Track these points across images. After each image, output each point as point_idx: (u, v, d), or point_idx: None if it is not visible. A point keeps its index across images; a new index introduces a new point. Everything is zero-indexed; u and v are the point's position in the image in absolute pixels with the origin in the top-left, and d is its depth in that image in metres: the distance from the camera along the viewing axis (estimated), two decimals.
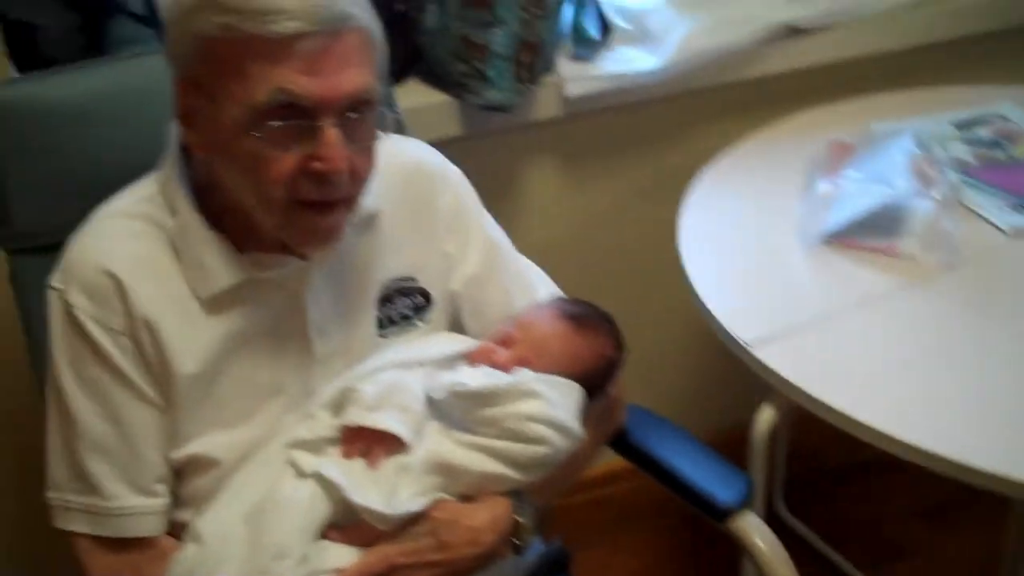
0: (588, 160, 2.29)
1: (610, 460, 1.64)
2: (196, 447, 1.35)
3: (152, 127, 1.54)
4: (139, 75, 1.61)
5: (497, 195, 1.58)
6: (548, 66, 2.13)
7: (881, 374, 1.63)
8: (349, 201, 1.30)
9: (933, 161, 1.94)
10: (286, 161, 1.23)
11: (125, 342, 1.31)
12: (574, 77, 2.13)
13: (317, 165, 1.23)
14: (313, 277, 1.38)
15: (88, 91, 1.57)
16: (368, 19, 1.27)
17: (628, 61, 2.16)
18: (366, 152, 1.29)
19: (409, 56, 2.10)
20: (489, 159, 1.59)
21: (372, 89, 1.26)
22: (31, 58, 1.88)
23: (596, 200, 2.33)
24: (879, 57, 2.34)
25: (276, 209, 1.26)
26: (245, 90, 1.21)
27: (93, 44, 1.92)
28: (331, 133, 1.22)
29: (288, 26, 1.18)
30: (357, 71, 1.23)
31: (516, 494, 1.38)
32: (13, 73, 1.77)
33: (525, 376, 1.38)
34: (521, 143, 2.22)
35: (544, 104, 2.14)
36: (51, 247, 1.53)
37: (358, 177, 1.28)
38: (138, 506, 1.34)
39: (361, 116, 1.26)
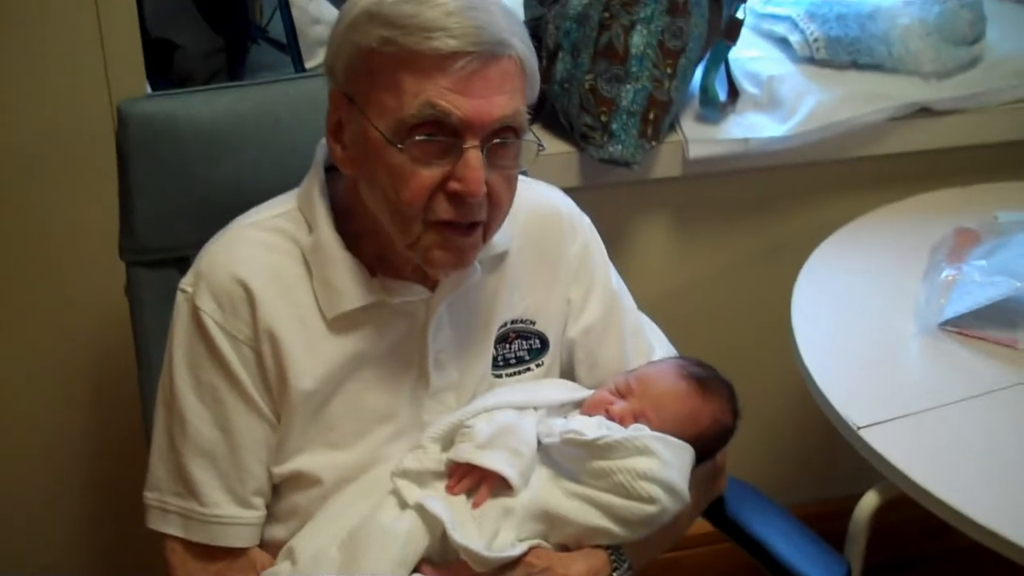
0: (704, 223, 2.28)
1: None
2: (300, 464, 1.36)
3: (283, 154, 1.58)
4: (274, 100, 1.64)
5: (609, 249, 1.58)
6: (673, 125, 2.13)
7: (989, 467, 1.59)
8: (486, 227, 1.31)
9: None
10: (426, 178, 1.24)
11: (247, 352, 1.33)
12: (697, 139, 2.12)
13: (456, 186, 1.24)
14: (439, 308, 1.38)
15: (223, 112, 1.60)
16: (526, 50, 1.28)
17: (753, 127, 2.15)
18: (507, 181, 1.30)
19: (536, 103, 2.10)
20: (605, 213, 1.58)
21: (520, 117, 1.28)
22: (166, 76, 1.92)
23: (709, 264, 2.31)
24: (1010, 144, 2.30)
25: (412, 227, 1.27)
26: (396, 103, 1.23)
27: (231, 67, 1.97)
28: (473, 155, 1.23)
29: (448, 43, 1.20)
30: (508, 98, 1.25)
31: (614, 549, 1.37)
32: (149, 90, 1.81)
33: (642, 432, 1.37)
34: (638, 200, 2.21)
35: (665, 163, 2.13)
36: (168, 262, 1.58)
37: (496, 205, 1.29)
38: (235, 516, 1.35)
39: (505, 143, 1.27)
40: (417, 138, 1.23)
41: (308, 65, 1.97)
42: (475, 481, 1.33)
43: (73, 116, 1.77)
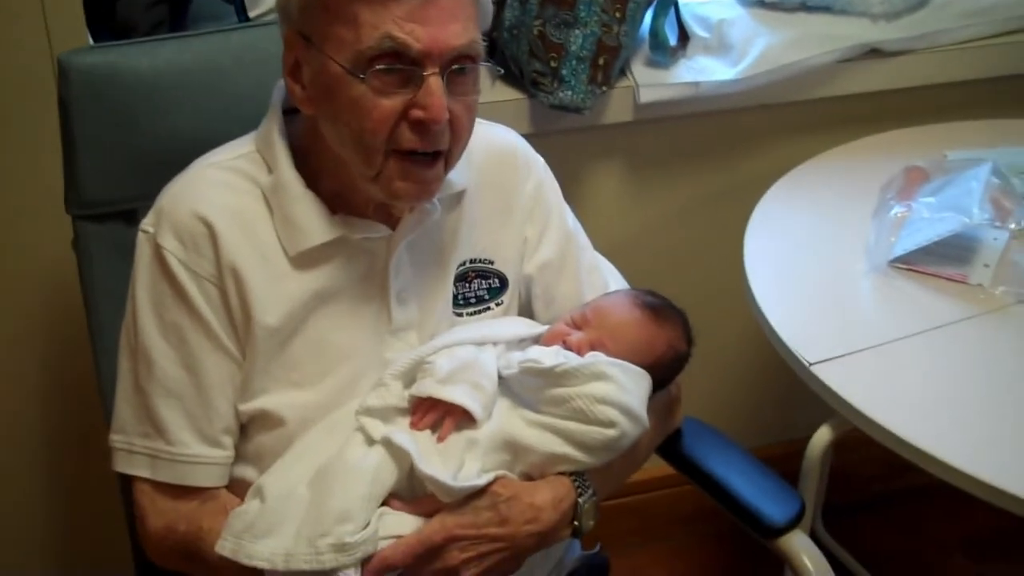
0: (656, 167, 2.28)
1: (648, 467, 1.62)
2: (265, 402, 1.36)
3: (227, 104, 1.57)
4: (217, 51, 1.62)
5: (563, 195, 1.58)
6: (623, 70, 2.12)
7: (941, 401, 1.60)
8: (448, 157, 1.32)
9: (1010, 192, 1.91)
10: (388, 107, 1.25)
11: (211, 289, 1.33)
12: (648, 83, 2.12)
13: (418, 113, 1.25)
14: (400, 246, 1.39)
15: (166, 64, 1.58)
16: None
17: (704, 70, 2.15)
18: (467, 108, 1.30)
19: (485, 50, 2.09)
20: (557, 159, 1.58)
21: (476, 44, 1.28)
22: (108, 27, 1.89)
23: (661, 207, 2.32)
24: (958, 85, 2.32)
25: (375, 159, 1.28)
26: (354, 36, 1.23)
27: (174, 18, 1.94)
28: (434, 82, 1.24)
29: None
30: (463, 26, 1.26)
31: (578, 476, 1.38)
32: (90, 42, 1.79)
33: (598, 358, 1.38)
34: (590, 145, 2.21)
35: (616, 108, 2.13)
36: (115, 215, 1.56)
37: (457, 132, 1.30)
38: (203, 455, 1.35)
39: (464, 70, 1.28)
40: (378, 67, 1.23)
41: (252, 15, 1.95)
42: (438, 415, 1.34)
43: (13, 68, 1.74)
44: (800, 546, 1.51)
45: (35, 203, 1.81)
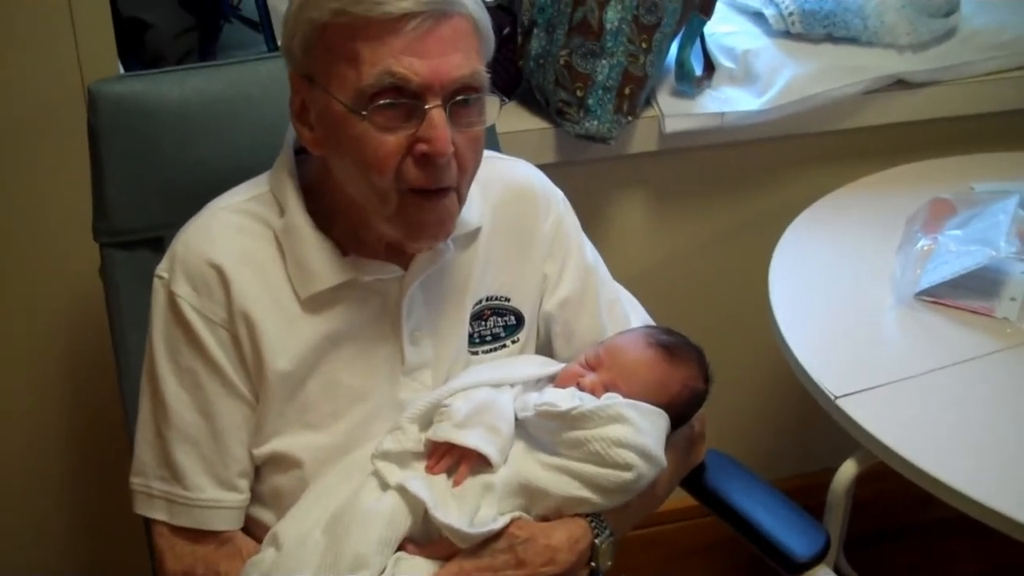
0: (681, 197, 2.28)
1: (670, 498, 1.62)
2: (279, 445, 1.36)
3: (255, 133, 1.58)
4: (245, 80, 1.63)
5: (587, 224, 1.58)
6: (649, 100, 2.12)
7: (967, 435, 1.59)
8: (456, 192, 1.31)
9: None
10: (392, 144, 1.24)
11: (223, 334, 1.33)
12: (673, 113, 2.12)
13: (422, 147, 1.24)
14: (412, 286, 1.39)
15: (194, 93, 1.59)
16: (477, 8, 1.29)
17: (729, 101, 2.15)
18: (472, 140, 1.29)
19: (511, 80, 2.11)
20: (582, 188, 1.59)
21: (479, 75, 1.27)
22: (137, 56, 1.91)
23: (686, 237, 2.32)
24: (984, 116, 2.31)
25: (387, 199, 1.27)
26: (355, 74, 1.23)
27: (203, 47, 1.95)
28: (436, 115, 1.24)
29: (397, 6, 1.21)
30: (464, 56, 1.25)
31: (594, 516, 1.37)
32: (120, 70, 1.80)
33: (615, 400, 1.37)
34: (615, 175, 2.21)
35: (641, 138, 2.13)
36: (142, 243, 1.57)
37: (463, 165, 1.29)
38: (219, 499, 1.35)
39: (467, 102, 1.27)
40: (380, 102, 1.23)
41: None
42: (455, 460, 1.33)
43: (45, 97, 1.76)
44: None
45: (63, 230, 1.82)
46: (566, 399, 1.36)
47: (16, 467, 2.05)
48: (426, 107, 1.23)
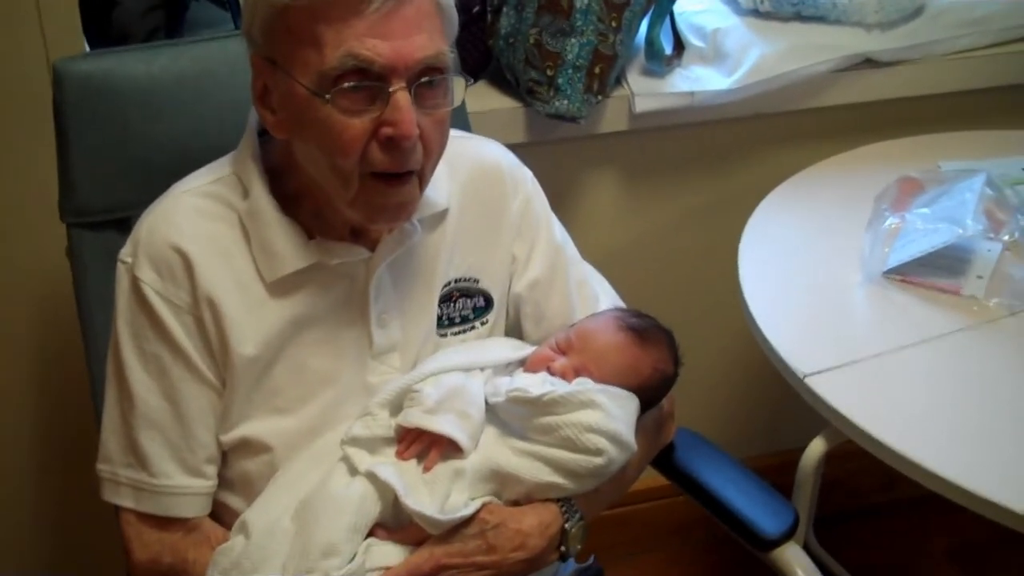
0: (651, 176, 2.28)
1: (641, 477, 1.62)
2: (247, 430, 1.35)
3: (222, 111, 1.57)
4: (212, 58, 1.62)
5: (557, 204, 1.58)
6: (619, 79, 2.12)
7: (935, 413, 1.60)
8: (420, 175, 1.30)
9: (1004, 203, 1.91)
10: (357, 127, 1.23)
11: (188, 320, 1.32)
12: (643, 92, 2.12)
13: (388, 131, 1.23)
14: (379, 269, 1.38)
15: (161, 70, 1.58)
16: None
17: (699, 80, 2.15)
18: (437, 122, 1.28)
19: (481, 59, 2.10)
20: (552, 168, 1.58)
21: (443, 56, 1.26)
22: (103, 33, 1.89)
23: (656, 217, 2.32)
24: (952, 95, 2.32)
25: (349, 182, 1.26)
26: (317, 56, 1.22)
27: (170, 24, 1.94)
28: (401, 97, 1.22)
29: None
30: (427, 37, 1.24)
31: (565, 501, 1.38)
32: (86, 48, 1.78)
33: (586, 386, 1.37)
34: (585, 154, 2.21)
35: (611, 117, 2.13)
36: (110, 223, 1.56)
37: (428, 147, 1.28)
38: (185, 486, 1.35)
39: (432, 83, 1.25)
40: (344, 85, 1.21)
41: None
42: (425, 445, 1.33)
43: (9, 75, 1.74)
44: (794, 558, 1.52)
45: (29, 210, 1.80)
46: (537, 385, 1.36)
47: None
48: (390, 90, 1.22)
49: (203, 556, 1.33)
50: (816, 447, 1.68)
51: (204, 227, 1.34)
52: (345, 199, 1.28)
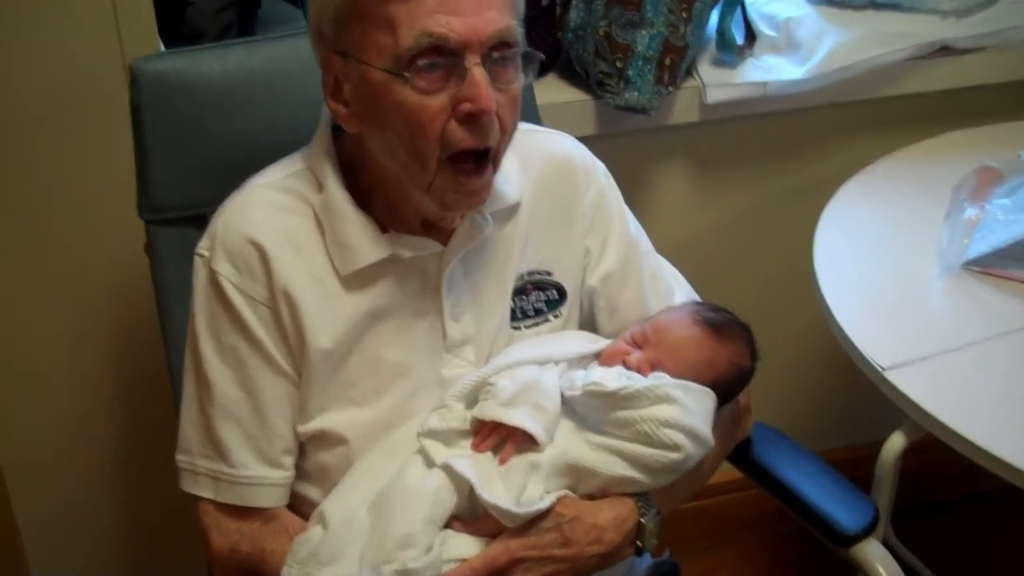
0: (723, 168, 2.27)
1: (717, 471, 1.61)
2: (324, 422, 1.36)
3: (295, 108, 1.58)
4: (285, 55, 1.63)
5: (628, 197, 1.57)
6: (690, 70, 2.11)
7: (1017, 406, 1.58)
8: (495, 155, 1.30)
9: None
10: (435, 106, 1.23)
11: (265, 312, 1.33)
12: (715, 83, 2.10)
13: (467, 107, 1.23)
14: (452, 262, 1.38)
15: (234, 68, 1.59)
16: None
17: (771, 70, 2.13)
18: (511, 99, 1.28)
19: (551, 52, 2.09)
20: (623, 160, 1.57)
21: (513, 30, 1.26)
22: (177, 32, 1.91)
23: (729, 208, 2.30)
24: None
25: (427, 165, 1.26)
26: (392, 39, 1.22)
27: (243, 22, 1.95)
28: (478, 72, 1.23)
29: None
30: (498, 12, 1.24)
31: (641, 495, 1.37)
32: (161, 47, 1.80)
33: (663, 380, 1.36)
34: (656, 146, 2.20)
35: (682, 108, 2.12)
36: (186, 220, 1.58)
37: (505, 126, 1.28)
38: (263, 476, 1.36)
39: (504, 58, 1.26)
40: (420, 63, 1.22)
41: None
42: (501, 438, 1.33)
43: (86, 76, 1.76)
44: (875, 555, 1.49)
45: (108, 208, 1.83)
46: (613, 378, 1.35)
47: (65, 446, 2.06)
48: (466, 65, 1.23)
49: (281, 546, 1.34)
50: (896, 441, 1.66)
51: (279, 220, 1.35)
52: (422, 185, 1.28)
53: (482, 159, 1.28)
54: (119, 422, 2.07)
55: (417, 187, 1.29)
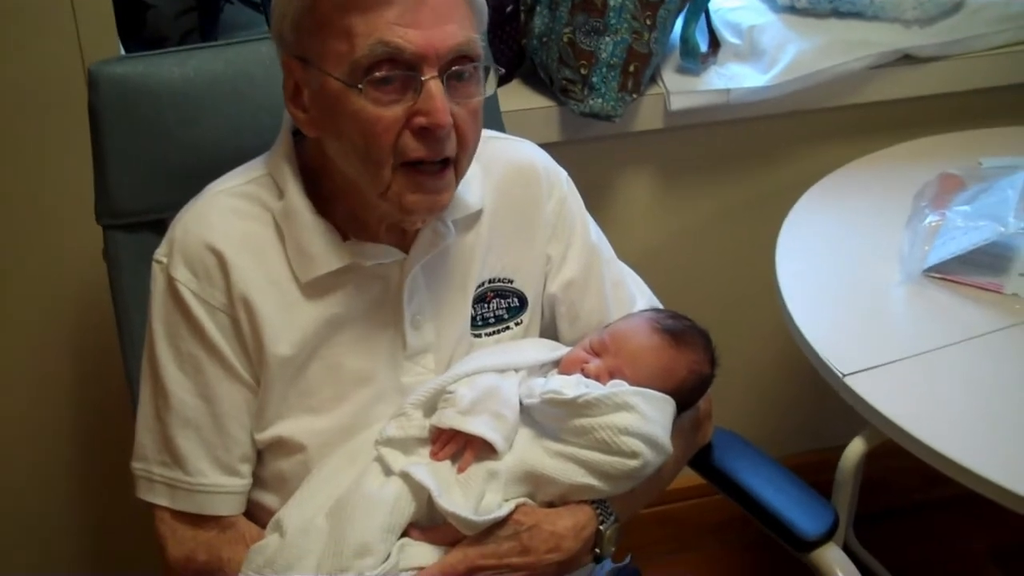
0: (687, 174, 2.27)
1: (679, 476, 1.61)
2: (282, 430, 1.35)
3: (257, 113, 1.57)
4: (247, 59, 1.62)
5: (592, 203, 1.57)
6: (654, 77, 2.11)
7: (976, 412, 1.58)
8: (456, 165, 1.30)
9: None
10: (390, 117, 1.23)
11: (223, 319, 1.32)
12: (679, 90, 2.11)
13: (420, 120, 1.23)
14: (413, 270, 1.38)
15: (196, 73, 1.58)
16: None
17: (735, 77, 2.13)
18: (471, 112, 1.28)
19: (514, 58, 2.09)
20: (586, 167, 1.57)
21: (474, 45, 1.26)
22: (138, 37, 1.90)
23: (692, 215, 2.31)
24: (992, 91, 2.30)
25: (381, 173, 1.26)
26: (348, 47, 1.22)
27: (204, 26, 1.94)
28: (434, 85, 1.22)
29: None
30: (457, 26, 1.24)
31: (600, 503, 1.37)
32: (121, 51, 1.79)
33: (621, 388, 1.36)
34: (620, 153, 2.20)
35: (646, 115, 2.12)
36: (145, 225, 1.57)
37: (464, 137, 1.28)
38: (220, 484, 1.35)
39: (463, 75, 1.25)
40: (376, 74, 1.22)
41: None
42: (459, 446, 1.33)
43: (46, 79, 1.75)
44: (834, 559, 1.50)
45: (66, 213, 1.81)
46: (572, 386, 1.35)
47: (22, 452, 2.05)
48: (423, 78, 1.22)
49: (237, 554, 1.33)
50: (856, 447, 1.66)
51: (239, 227, 1.34)
52: (377, 190, 1.28)
53: (442, 165, 1.28)
54: (75, 427, 2.05)
55: (374, 192, 1.29)
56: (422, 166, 1.26)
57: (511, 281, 1.47)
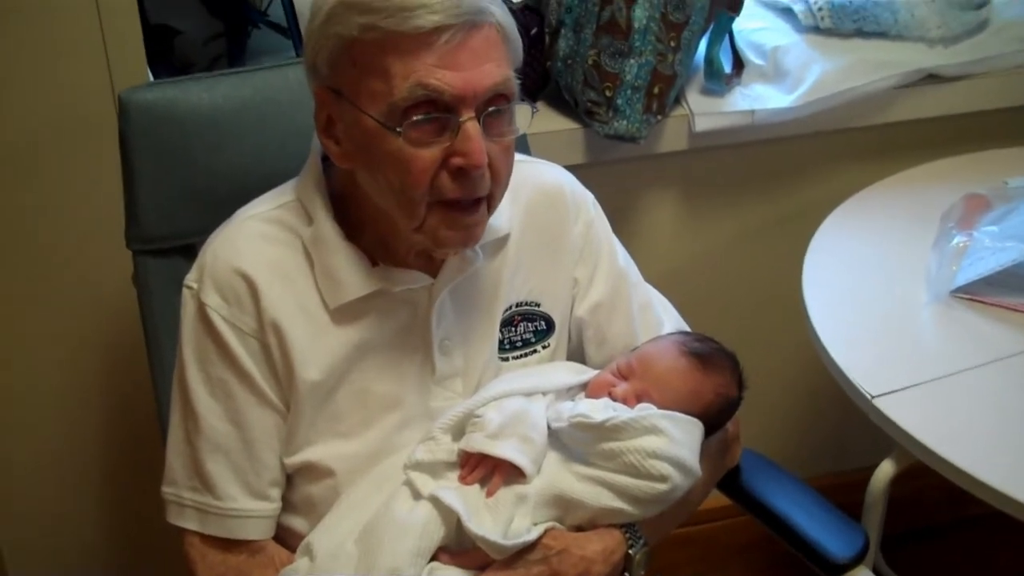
0: (712, 195, 2.27)
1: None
2: (311, 454, 1.36)
3: (285, 139, 1.58)
4: (274, 85, 1.63)
5: (617, 225, 1.57)
6: (678, 99, 2.11)
7: (1006, 433, 1.58)
8: (489, 201, 1.30)
9: None
10: (427, 158, 1.23)
11: (253, 344, 1.33)
12: (703, 111, 2.11)
13: (458, 160, 1.23)
14: (441, 295, 1.38)
15: (224, 99, 1.60)
16: (504, 16, 1.27)
17: (759, 98, 2.13)
18: (505, 150, 1.29)
19: (539, 80, 2.10)
20: (611, 188, 1.58)
21: (510, 83, 1.26)
22: (167, 63, 1.91)
23: (717, 236, 2.31)
24: (1018, 110, 2.29)
25: (416, 211, 1.26)
26: (386, 88, 1.22)
27: (232, 52, 1.96)
28: (471, 127, 1.23)
29: (429, 19, 1.20)
30: (495, 65, 1.24)
31: (629, 526, 1.37)
32: (150, 77, 1.81)
33: (649, 411, 1.36)
34: (645, 174, 2.20)
35: (671, 137, 2.12)
36: (175, 250, 1.58)
37: (497, 175, 1.28)
38: (250, 509, 1.35)
39: (499, 111, 1.26)
40: (414, 118, 1.22)
41: None
42: (488, 470, 1.33)
43: (75, 106, 1.77)
44: None
45: (97, 238, 1.83)
46: (600, 410, 1.35)
47: (53, 477, 2.06)
48: (460, 120, 1.22)
49: None
50: (885, 469, 1.66)
51: (269, 252, 1.35)
52: (411, 226, 1.29)
53: (476, 201, 1.28)
54: (106, 450, 2.06)
55: (408, 227, 1.29)
56: (457, 203, 1.27)
57: (538, 304, 1.48)
